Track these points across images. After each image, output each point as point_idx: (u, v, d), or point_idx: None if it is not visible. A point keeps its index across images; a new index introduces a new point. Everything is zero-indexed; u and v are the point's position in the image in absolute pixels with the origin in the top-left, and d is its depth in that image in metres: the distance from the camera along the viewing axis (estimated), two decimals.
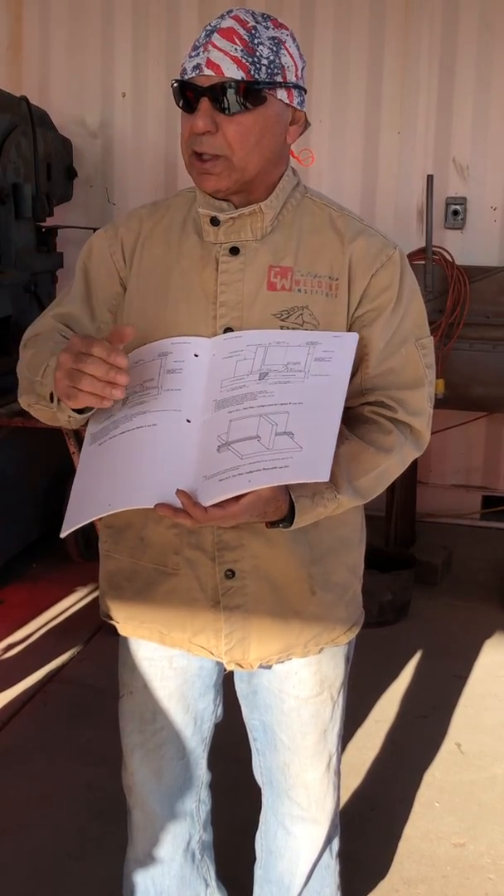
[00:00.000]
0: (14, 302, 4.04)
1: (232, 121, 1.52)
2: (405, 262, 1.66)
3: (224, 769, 2.10)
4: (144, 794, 1.86)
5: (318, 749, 1.83)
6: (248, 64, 1.49)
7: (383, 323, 1.61)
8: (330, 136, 4.99)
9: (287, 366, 1.51)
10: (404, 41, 4.86)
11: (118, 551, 1.75)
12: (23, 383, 1.67)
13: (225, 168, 1.55)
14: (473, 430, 5.06)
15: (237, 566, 1.65)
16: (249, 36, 1.50)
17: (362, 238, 1.63)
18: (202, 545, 1.65)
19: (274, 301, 1.60)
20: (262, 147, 1.56)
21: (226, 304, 1.60)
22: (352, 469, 1.57)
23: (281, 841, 1.92)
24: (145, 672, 1.81)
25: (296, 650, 1.72)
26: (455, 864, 2.49)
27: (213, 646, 1.70)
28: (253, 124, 1.53)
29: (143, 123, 5.22)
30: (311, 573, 1.68)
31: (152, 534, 1.68)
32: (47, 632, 3.73)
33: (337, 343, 1.53)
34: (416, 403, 1.65)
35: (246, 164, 1.55)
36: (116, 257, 1.69)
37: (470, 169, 4.89)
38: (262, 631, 1.69)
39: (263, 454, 1.43)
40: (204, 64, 1.49)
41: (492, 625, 3.86)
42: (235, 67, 1.49)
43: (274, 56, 1.52)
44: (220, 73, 1.49)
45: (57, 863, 2.45)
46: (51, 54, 5.28)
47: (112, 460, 1.56)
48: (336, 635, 1.75)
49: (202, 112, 1.51)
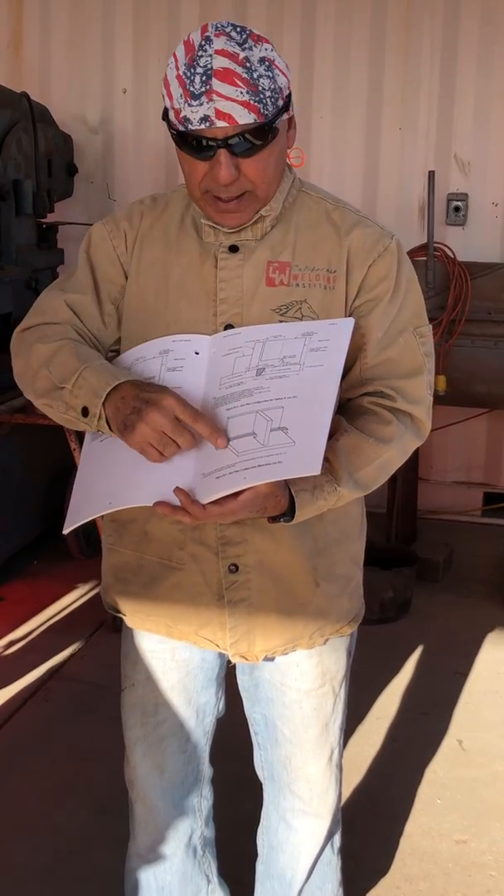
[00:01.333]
0: (15, 299, 4.03)
1: (252, 161, 1.52)
2: (402, 252, 1.67)
3: (226, 766, 2.10)
4: (147, 789, 1.86)
5: (320, 742, 1.83)
6: (256, 104, 1.47)
7: (381, 312, 1.62)
8: (331, 133, 4.98)
9: (283, 359, 1.52)
10: (405, 37, 4.85)
11: (122, 545, 1.75)
12: (41, 382, 1.62)
13: (250, 202, 1.56)
14: (475, 426, 5.05)
15: (240, 561, 1.65)
16: (247, 72, 1.46)
17: (358, 229, 1.64)
18: (205, 540, 1.66)
19: (273, 296, 1.60)
20: (278, 170, 1.58)
21: (226, 300, 1.61)
22: (352, 461, 1.57)
23: (282, 835, 1.92)
24: (148, 664, 1.81)
25: (301, 642, 1.72)
26: (457, 861, 2.49)
27: (218, 638, 1.71)
28: (269, 155, 1.54)
29: (144, 120, 5.21)
30: (315, 565, 1.68)
31: (156, 529, 1.68)
32: (48, 629, 3.73)
33: (333, 331, 1.53)
34: (416, 392, 1.64)
35: (268, 193, 1.58)
36: (120, 249, 1.69)
37: (471, 165, 4.88)
38: (267, 624, 1.69)
39: (259, 451, 1.44)
40: (213, 116, 1.46)
41: (493, 621, 3.86)
42: (247, 112, 1.46)
43: (272, 83, 1.49)
44: (233, 122, 1.46)
45: (59, 859, 2.45)
46: (51, 50, 5.27)
47: (113, 458, 1.56)
48: (340, 626, 1.76)
49: (224, 164, 1.49)
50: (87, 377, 1.54)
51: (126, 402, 1.49)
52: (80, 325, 1.68)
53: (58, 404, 1.59)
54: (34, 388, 1.64)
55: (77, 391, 1.55)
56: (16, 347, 1.71)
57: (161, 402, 1.46)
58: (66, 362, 1.58)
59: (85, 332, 1.68)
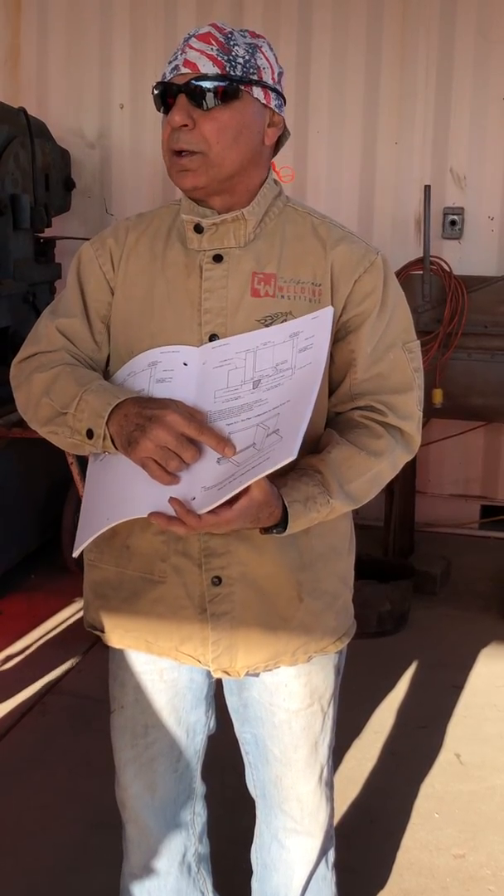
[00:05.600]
0: (12, 313, 4.04)
1: (208, 116, 1.54)
2: (388, 268, 1.67)
3: (222, 780, 2.09)
4: (138, 809, 1.85)
5: (310, 762, 1.82)
6: (223, 61, 1.53)
7: (370, 328, 1.63)
8: (327, 147, 5.01)
9: (276, 367, 1.52)
10: (401, 51, 4.88)
11: (103, 561, 1.74)
12: (44, 410, 1.64)
13: (202, 164, 1.57)
14: (472, 439, 5.05)
15: (224, 573, 1.64)
16: (225, 38, 1.55)
17: (344, 244, 1.65)
18: (189, 552, 1.65)
19: (258, 307, 1.61)
20: (240, 144, 1.58)
21: (210, 310, 1.61)
22: (344, 473, 1.57)
23: (275, 854, 1.91)
24: (136, 686, 1.80)
25: (284, 658, 1.71)
26: (455, 876, 2.48)
27: (200, 654, 1.70)
28: (229, 120, 1.56)
29: (141, 134, 5.23)
30: (300, 580, 1.67)
31: (139, 542, 1.68)
32: (46, 643, 3.72)
33: (316, 325, 1.54)
34: (406, 407, 1.65)
35: (223, 161, 1.57)
36: (106, 267, 1.70)
37: (467, 179, 4.90)
38: (250, 638, 1.68)
39: (255, 456, 1.44)
40: (181, 64, 1.54)
41: (491, 635, 3.86)
42: (211, 64, 1.53)
43: (250, 56, 1.56)
44: (196, 70, 1.53)
45: (55, 875, 2.44)
46: (49, 65, 5.30)
47: (111, 475, 1.57)
48: (325, 644, 1.74)
49: (179, 107, 1.54)
50: (89, 399, 1.55)
51: (129, 420, 1.50)
52: (74, 350, 1.69)
53: (62, 430, 1.61)
54: (37, 418, 1.66)
55: (80, 415, 1.56)
56: (16, 379, 1.72)
57: (164, 419, 1.47)
58: (66, 388, 1.60)
59: (80, 356, 1.69)
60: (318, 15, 4.92)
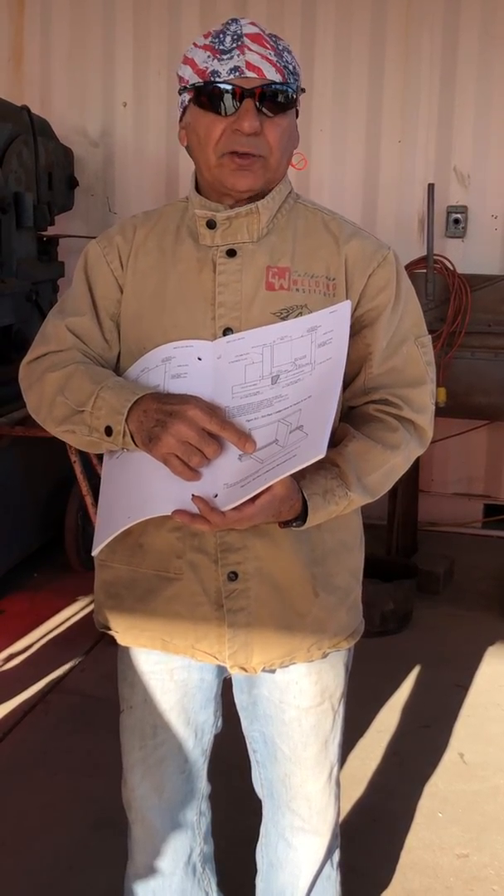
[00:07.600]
0: (16, 311, 4.03)
1: (273, 123, 1.55)
2: (399, 263, 1.69)
3: (226, 780, 2.09)
4: (145, 810, 1.84)
5: (320, 760, 1.81)
6: (281, 67, 1.54)
7: (385, 322, 1.63)
8: (331, 145, 5.00)
9: (295, 362, 1.51)
10: (405, 50, 4.87)
11: (115, 560, 1.73)
12: (59, 409, 1.62)
13: (262, 168, 1.57)
14: (475, 438, 5.05)
15: (240, 568, 1.64)
16: (274, 42, 1.55)
17: (356, 239, 1.65)
18: (205, 547, 1.64)
19: (273, 300, 1.60)
20: (289, 150, 1.62)
21: (224, 304, 1.61)
22: (361, 466, 1.57)
23: (282, 853, 1.91)
24: (145, 686, 1.79)
25: (299, 654, 1.71)
26: (458, 875, 2.48)
27: (216, 650, 1.69)
28: (287, 126, 1.58)
29: (144, 133, 5.23)
30: (314, 574, 1.67)
31: (153, 539, 1.67)
32: (48, 642, 3.72)
33: (334, 319, 1.53)
34: (420, 400, 1.66)
35: (278, 166, 1.60)
36: (114, 265, 1.69)
37: (471, 177, 4.89)
38: (266, 634, 1.67)
39: (279, 453, 1.43)
40: (244, 67, 1.51)
41: (494, 634, 3.85)
42: (274, 71, 1.53)
43: (293, 62, 1.58)
44: (262, 76, 1.52)
45: (58, 875, 2.44)
46: (52, 64, 5.29)
47: (130, 473, 1.56)
48: (338, 640, 1.74)
49: (251, 113, 1.52)
50: (106, 397, 1.54)
51: (149, 416, 1.49)
52: (84, 348, 1.68)
53: (80, 428, 1.59)
54: (52, 417, 1.64)
55: (97, 412, 1.55)
56: (26, 380, 1.71)
57: (186, 413, 1.46)
58: (81, 386, 1.58)
59: (91, 354, 1.68)
60: (321, 13, 4.92)
